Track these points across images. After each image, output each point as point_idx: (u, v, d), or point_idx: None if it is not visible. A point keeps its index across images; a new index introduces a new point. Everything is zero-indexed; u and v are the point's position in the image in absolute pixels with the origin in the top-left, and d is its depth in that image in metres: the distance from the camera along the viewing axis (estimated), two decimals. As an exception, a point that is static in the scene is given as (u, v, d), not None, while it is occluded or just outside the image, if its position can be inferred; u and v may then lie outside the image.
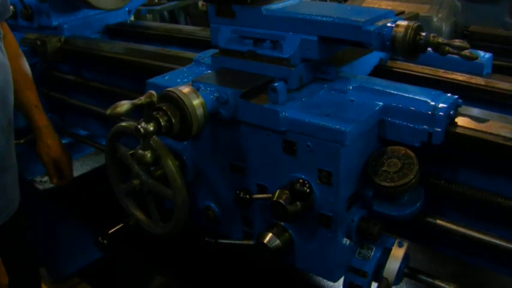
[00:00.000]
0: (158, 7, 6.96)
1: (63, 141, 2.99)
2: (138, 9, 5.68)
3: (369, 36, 1.49)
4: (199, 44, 2.60)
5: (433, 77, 1.93)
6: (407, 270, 1.68)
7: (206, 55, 1.93)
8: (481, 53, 1.95)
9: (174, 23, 8.02)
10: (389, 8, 4.01)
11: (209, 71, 1.83)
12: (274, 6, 1.69)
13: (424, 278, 1.69)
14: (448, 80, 1.90)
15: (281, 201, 1.49)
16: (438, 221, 1.67)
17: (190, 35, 2.82)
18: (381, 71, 1.97)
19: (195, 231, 1.84)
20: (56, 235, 3.67)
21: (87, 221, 3.20)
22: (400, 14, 1.92)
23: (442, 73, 1.93)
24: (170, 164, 1.62)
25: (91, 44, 2.82)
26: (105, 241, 1.85)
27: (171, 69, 2.00)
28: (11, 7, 2.90)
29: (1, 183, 2.08)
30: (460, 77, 1.90)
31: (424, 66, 1.97)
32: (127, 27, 3.20)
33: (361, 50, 1.82)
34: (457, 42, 1.44)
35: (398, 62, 2.02)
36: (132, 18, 3.70)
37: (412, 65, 1.98)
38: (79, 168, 3.50)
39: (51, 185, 3.12)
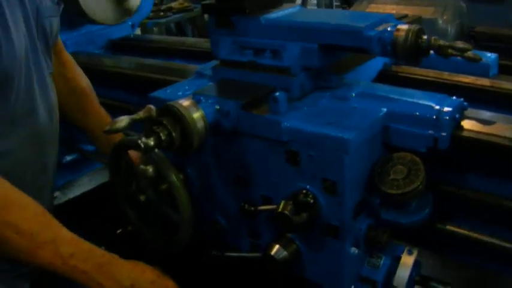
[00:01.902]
0: (164, 20, 6.92)
1: (71, 157, 3.04)
2: (144, 23, 5.68)
3: (370, 42, 1.47)
4: (203, 56, 2.58)
5: (439, 80, 1.90)
6: (418, 277, 1.66)
7: (208, 67, 1.91)
8: (487, 54, 1.93)
9: (181, 34, 8.02)
10: (393, 11, 4.02)
11: (210, 83, 1.81)
12: (273, 15, 1.68)
13: (435, 285, 1.66)
14: (453, 82, 1.88)
15: (286, 212, 1.46)
16: (448, 227, 1.65)
17: (193, 46, 2.81)
18: (385, 77, 1.95)
19: (200, 245, 1.82)
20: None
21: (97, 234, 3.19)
22: (402, 18, 1.91)
23: (447, 76, 1.91)
24: (174, 178, 1.60)
25: (94, 60, 2.83)
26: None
27: (174, 82, 1.99)
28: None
29: None
30: (465, 79, 1.87)
31: (429, 70, 1.95)
32: (130, 41, 3.21)
33: (365, 55, 1.79)
34: (460, 44, 1.42)
35: (402, 66, 1.99)
36: (138, 31, 3.71)
37: (417, 69, 1.96)
38: (88, 184, 3.51)
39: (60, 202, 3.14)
